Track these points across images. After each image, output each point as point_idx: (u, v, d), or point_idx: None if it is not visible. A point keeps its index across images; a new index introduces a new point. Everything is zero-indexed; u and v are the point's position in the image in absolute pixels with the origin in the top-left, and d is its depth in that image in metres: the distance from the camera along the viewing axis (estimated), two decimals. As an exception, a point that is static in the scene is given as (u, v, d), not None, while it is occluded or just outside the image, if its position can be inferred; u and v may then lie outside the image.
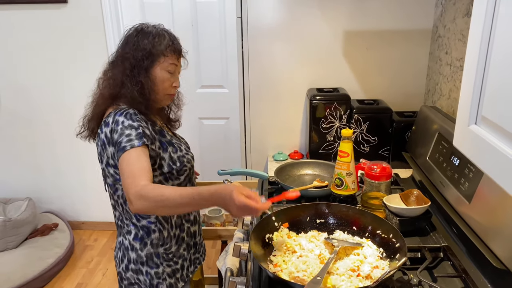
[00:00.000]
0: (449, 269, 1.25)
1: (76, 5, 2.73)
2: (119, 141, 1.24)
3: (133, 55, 1.33)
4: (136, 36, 1.35)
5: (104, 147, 1.31)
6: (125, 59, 1.34)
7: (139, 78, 1.32)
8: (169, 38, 1.36)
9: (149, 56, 1.33)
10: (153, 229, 1.39)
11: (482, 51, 0.73)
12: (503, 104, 0.66)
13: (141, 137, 1.25)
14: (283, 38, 2.04)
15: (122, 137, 1.24)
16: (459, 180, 1.33)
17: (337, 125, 1.98)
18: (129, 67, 1.33)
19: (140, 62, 1.32)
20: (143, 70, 1.33)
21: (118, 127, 1.26)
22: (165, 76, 1.36)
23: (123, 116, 1.28)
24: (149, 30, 1.35)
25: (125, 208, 1.38)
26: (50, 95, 2.94)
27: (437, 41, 1.92)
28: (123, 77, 1.33)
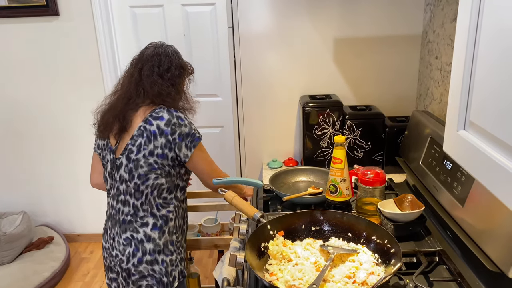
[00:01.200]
0: (444, 273, 1.26)
1: (68, 17, 2.73)
2: (192, 133, 1.53)
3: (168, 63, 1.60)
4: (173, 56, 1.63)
5: (154, 137, 1.49)
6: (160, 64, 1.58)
7: (173, 82, 1.59)
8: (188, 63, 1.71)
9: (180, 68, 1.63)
10: (171, 217, 1.58)
11: (468, 57, 0.74)
12: (490, 109, 0.67)
13: (198, 132, 1.57)
14: (275, 47, 2.05)
15: (192, 130, 1.54)
16: (452, 184, 1.33)
17: (331, 132, 1.99)
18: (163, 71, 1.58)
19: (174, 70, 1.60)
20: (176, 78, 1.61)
21: (184, 121, 1.53)
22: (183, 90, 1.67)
23: (180, 113, 1.56)
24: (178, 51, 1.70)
25: (149, 197, 1.54)
26: (43, 108, 2.93)
27: (427, 46, 1.94)
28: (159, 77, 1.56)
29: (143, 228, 1.54)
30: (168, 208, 1.58)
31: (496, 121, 0.65)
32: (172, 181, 1.57)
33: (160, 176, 1.52)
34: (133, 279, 1.55)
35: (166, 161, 1.51)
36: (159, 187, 1.54)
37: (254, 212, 1.41)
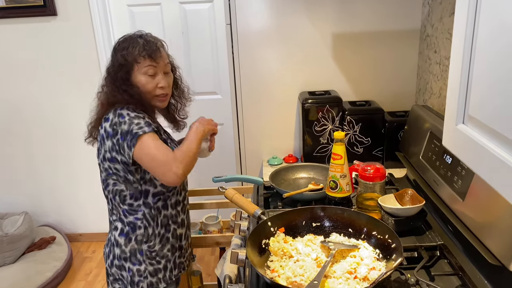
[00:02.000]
0: (446, 267, 1.26)
1: (66, 17, 2.73)
2: (130, 130, 1.35)
3: (112, 69, 1.44)
4: (114, 51, 1.46)
5: (103, 141, 1.40)
6: (108, 74, 1.47)
7: (123, 87, 1.42)
8: (142, 44, 1.43)
9: (122, 67, 1.42)
10: (139, 225, 1.46)
11: (466, 51, 0.74)
12: (489, 103, 0.67)
13: (149, 125, 1.37)
14: (273, 43, 2.05)
15: (132, 125, 1.35)
16: (452, 178, 1.33)
17: (330, 128, 1.99)
18: (112, 80, 1.44)
19: (117, 75, 1.43)
20: (123, 81, 1.42)
21: (124, 118, 1.37)
22: (145, 79, 1.43)
23: (125, 110, 1.39)
24: (123, 45, 1.44)
25: (114, 203, 1.46)
26: (43, 108, 2.93)
27: (426, 40, 1.94)
28: (113, 88, 1.43)
29: (114, 232, 1.49)
30: (135, 215, 1.46)
31: (495, 114, 0.65)
32: (135, 188, 1.43)
33: (118, 182, 1.43)
34: (110, 280, 1.54)
35: (119, 165, 1.39)
36: (119, 193, 1.44)
37: (254, 209, 1.41)
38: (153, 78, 1.44)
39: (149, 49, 1.43)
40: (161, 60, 1.46)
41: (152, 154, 1.35)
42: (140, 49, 1.42)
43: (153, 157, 1.34)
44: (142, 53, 1.42)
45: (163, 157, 1.34)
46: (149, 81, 1.43)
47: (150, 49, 1.43)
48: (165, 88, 1.47)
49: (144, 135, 1.34)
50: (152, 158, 1.34)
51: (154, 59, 1.43)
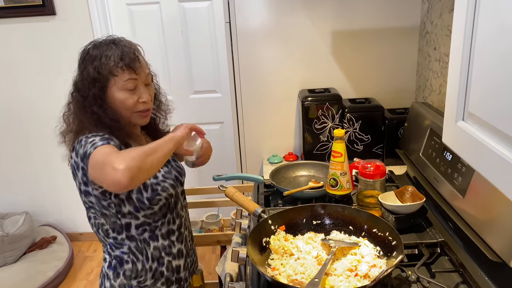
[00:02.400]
0: (446, 264, 1.26)
1: (65, 16, 2.73)
2: (84, 152, 1.15)
3: (82, 83, 1.22)
4: (82, 61, 1.24)
5: (75, 173, 1.24)
6: (76, 89, 1.25)
7: (94, 109, 1.21)
8: (118, 53, 1.20)
9: (95, 83, 1.20)
10: (126, 259, 1.31)
11: (466, 47, 0.74)
12: (489, 100, 0.67)
13: (106, 138, 1.17)
14: (272, 41, 2.05)
15: (86, 146, 1.16)
16: (452, 175, 1.33)
17: (330, 125, 1.99)
18: (80, 99, 1.23)
19: (88, 92, 1.21)
20: (95, 99, 1.21)
21: (81, 142, 1.18)
22: (123, 96, 1.22)
23: (86, 135, 1.21)
24: (94, 53, 1.21)
25: (99, 236, 1.33)
26: (42, 108, 2.93)
27: (425, 37, 1.94)
28: (81, 110, 1.23)
29: (104, 263, 1.35)
30: (121, 249, 1.30)
31: (495, 111, 0.65)
32: (113, 222, 1.27)
33: (97, 215, 1.28)
34: None
35: (93, 198, 1.23)
36: (101, 227, 1.30)
37: (255, 207, 1.41)
38: (133, 92, 1.24)
39: (127, 58, 1.21)
40: (141, 70, 1.25)
41: (96, 161, 1.12)
42: (116, 59, 1.19)
43: (97, 161, 1.12)
44: (119, 64, 1.20)
45: (106, 156, 1.11)
46: (128, 96, 1.23)
47: (129, 58, 1.21)
48: (148, 103, 1.27)
49: (96, 149, 1.13)
50: (96, 163, 1.12)
51: (134, 70, 1.22)
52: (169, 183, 1.32)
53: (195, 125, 1.37)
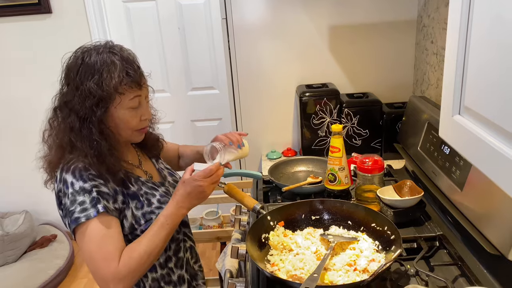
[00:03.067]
0: (445, 257, 1.26)
1: (61, 15, 2.72)
2: (71, 210, 1.03)
3: (79, 103, 1.04)
4: (78, 73, 1.05)
5: (57, 203, 1.11)
6: (71, 109, 1.06)
7: (93, 136, 1.05)
8: (121, 66, 1.05)
9: (99, 102, 1.04)
10: None
11: (461, 41, 0.74)
12: (485, 94, 0.67)
13: (95, 204, 1.03)
14: (269, 37, 2.04)
15: (74, 205, 1.03)
16: (450, 169, 1.34)
17: (328, 120, 1.99)
18: (77, 121, 1.05)
19: (91, 113, 1.04)
20: (96, 123, 1.05)
21: (68, 190, 1.04)
22: (129, 115, 1.09)
23: (71, 175, 1.05)
24: (91, 62, 1.04)
25: None
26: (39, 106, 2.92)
27: (422, 30, 1.93)
28: (72, 135, 1.06)
29: None
30: None
31: (491, 105, 0.65)
32: None
33: None
34: None
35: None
36: None
37: (253, 203, 1.41)
38: (137, 110, 1.11)
39: (133, 72, 1.06)
40: (145, 85, 1.13)
41: (89, 252, 1.03)
42: (121, 75, 1.04)
43: (90, 256, 1.03)
44: (124, 81, 1.05)
45: (101, 263, 1.01)
46: (133, 115, 1.10)
47: (134, 71, 1.07)
48: (148, 120, 1.17)
49: (86, 222, 1.02)
50: (90, 257, 1.03)
51: (140, 86, 1.09)
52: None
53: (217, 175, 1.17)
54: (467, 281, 1.14)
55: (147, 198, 1.17)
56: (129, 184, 1.15)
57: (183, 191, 1.12)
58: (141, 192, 1.17)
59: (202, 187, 1.12)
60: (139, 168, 1.25)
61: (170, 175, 1.36)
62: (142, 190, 1.17)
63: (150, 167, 1.32)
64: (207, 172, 1.12)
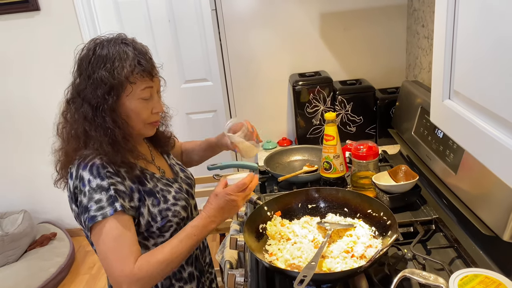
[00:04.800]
0: (441, 240, 1.27)
1: (50, 12, 2.69)
2: (88, 207, 1.02)
3: (91, 92, 1.05)
4: (90, 62, 1.06)
5: (71, 200, 1.10)
6: (83, 98, 1.06)
7: (107, 124, 1.05)
8: (134, 55, 1.07)
9: (111, 90, 1.04)
10: None
11: (449, 25, 0.74)
12: (473, 77, 0.67)
13: (113, 202, 1.02)
14: (260, 26, 2.03)
15: (90, 202, 1.02)
16: (444, 152, 1.34)
17: (322, 108, 1.99)
18: (90, 110, 1.06)
19: (103, 101, 1.05)
20: (108, 111, 1.05)
21: (85, 188, 1.03)
22: (140, 106, 1.09)
23: (88, 172, 1.04)
24: (104, 53, 1.06)
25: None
26: (33, 104, 2.91)
27: (413, 15, 1.93)
28: (85, 125, 1.06)
29: None
30: None
31: (480, 89, 0.65)
32: None
33: None
34: None
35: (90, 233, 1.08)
36: None
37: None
38: (148, 102, 1.11)
39: (145, 63, 1.08)
40: (156, 76, 1.13)
41: (104, 252, 1.01)
42: (132, 64, 1.05)
43: (106, 256, 1.02)
44: (136, 69, 1.06)
45: (116, 264, 1.00)
46: (144, 106, 1.10)
47: (146, 61, 1.08)
48: (159, 113, 1.17)
49: (103, 221, 1.01)
50: (104, 257, 1.02)
51: (151, 77, 1.10)
52: (181, 205, 1.19)
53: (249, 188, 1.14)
54: (464, 262, 1.15)
55: (163, 195, 1.16)
56: (145, 181, 1.14)
57: (216, 205, 1.10)
58: (157, 189, 1.16)
59: (235, 202, 1.10)
60: (152, 164, 1.24)
61: (182, 171, 1.35)
62: (158, 187, 1.16)
63: (163, 162, 1.31)
64: (240, 185, 1.11)
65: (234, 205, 1.11)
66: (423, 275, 0.93)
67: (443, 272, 1.11)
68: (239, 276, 1.22)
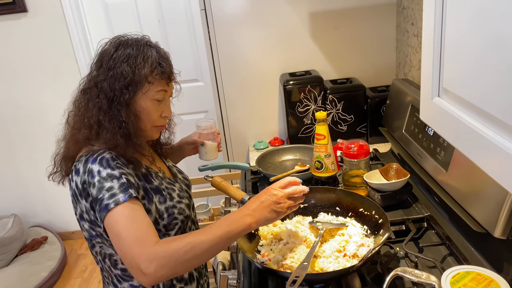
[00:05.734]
0: (433, 237, 1.28)
1: (37, 13, 2.66)
2: (99, 198, 1.00)
3: (110, 84, 1.06)
4: (112, 56, 1.08)
5: (76, 198, 1.08)
6: (100, 89, 1.07)
7: (121, 117, 1.06)
8: (156, 57, 1.10)
9: (129, 85, 1.06)
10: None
11: (437, 22, 0.73)
12: (461, 74, 0.67)
13: (126, 189, 1.00)
14: (250, 26, 2.02)
15: (102, 192, 1.00)
16: (435, 150, 1.35)
17: (313, 108, 1.98)
18: (106, 102, 1.07)
19: (119, 94, 1.06)
20: (124, 105, 1.07)
21: (94, 179, 1.01)
22: (152, 107, 1.11)
23: (97, 164, 1.03)
24: (128, 49, 1.08)
25: (104, 266, 1.16)
26: (21, 108, 2.87)
27: (402, 13, 1.93)
28: (100, 115, 1.07)
29: None
30: (130, 281, 1.14)
31: (468, 86, 0.65)
32: None
33: (104, 245, 1.11)
34: None
35: (100, 228, 1.07)
36: (109, 257, 1.13)
37: (242, 195, 1.41)
38: (159, 104, 1.13)
39: (166, 66, 1.11)
40: (172, 82, 1.16)
41: (119, 235, 0.97)
42: (154, 64, 1.09)
43: (120, 239, 0.97)
44: (156, 71, 1.09)
45: (132, 244, 0.95)
46: (155, 108, 1.12)
47: (167, 65, 1.12)
48: (167, 118, 1.20)
49: (116, 207, 0.98)
50: (119, 241, 0.97)
51: (169, 81, 1.13)
52: (185, 203, 1.19)
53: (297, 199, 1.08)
54: (455, 259, 1.16)
55: (169, 192, 1.17)
56: (151, 179, 1.15)
57: (255, 198, 1.04)
58: (162, 186, 1.16)
59: (277, 196, 1.02)
60: (153, 165, 1.24)
61: (179, 173, 1.36)
62: (163, 185, 1.17)
63: (162, 164, 1.31)
64: (284, 183, 1.06)
65: (275, 201, 1.01)
66: (415, 273, 0.93)
67: (435, 269, 1.11)
68: (231, 277, 1.22)
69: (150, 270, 0.91)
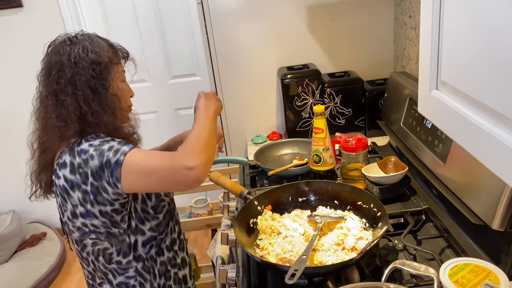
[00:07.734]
0: (432, 230, 1.28)
1: (33, 8, 2.64)
2: (106, 161, 1.01)
3: (85, 75, 1.07)
4: (71, 54, 1.08)
5: (67, 194, 1.08)
6: (74, 84, 1.07)
7: (108, 101, 1.10)
8: (105, 42, 1.15)
9: (104, 69, 1.09)
10: (133, 284, 1.19)
11: (435, 13, 0.73)
12: (459, 67, 0.67)
13: (125, 143, 1.06)
14: (247, 20, 2.01)
15: (104, 155, 1.02)
16: (433, 143, 1.35)
17: (311, 101, 1.98)
18: (89, 91, 1.07)
19: (98, 80, 1.08)
20: (106, 88, 1.10)
21: (89, 152, 1.03)
22: (123, 86, 1.17)
23: (85, 142, 1.06)
24: (80, 43, 1.10)
25: (97, 265, 1.17)
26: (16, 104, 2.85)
27: (400, 5, 1.92)
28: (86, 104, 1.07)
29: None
30: (126, 273, 1.18)
31: (466, 79, 0.65)
32: (122, 241, 1.14)
33: (98, 240, 1.13)
34: None
35: (97, 220, 1.09)
36: (103, 253, 1.15)
37: (240, 189, 1.42)
38: (126, 84, 1.19)
39: (118, 47, 1.17)
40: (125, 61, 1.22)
41: (146, 168, 1.02)
42: (110, 47, 1.14)
43: (149, 170, 1.02)
44: (116, 53, 1.15)
45: (162, 161, 1.02)
46: (125, 88, 1.17)
47: (121, 48, 1.18)
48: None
49: (126, 157, 1.02)
50: (149, 174, 1.02)
51: (125, 60, 1.19)
52: None
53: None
54: (454, 252, 1.16)
55: None
56: None
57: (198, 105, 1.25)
58: None
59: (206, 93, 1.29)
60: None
61: None
62: None
63: None
64: None
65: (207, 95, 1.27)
66: (414, 266, 0.93)
67: (434, 262, 1.11)
68: (230, 271, 1.22)
69: (194, 160, 1.01)
